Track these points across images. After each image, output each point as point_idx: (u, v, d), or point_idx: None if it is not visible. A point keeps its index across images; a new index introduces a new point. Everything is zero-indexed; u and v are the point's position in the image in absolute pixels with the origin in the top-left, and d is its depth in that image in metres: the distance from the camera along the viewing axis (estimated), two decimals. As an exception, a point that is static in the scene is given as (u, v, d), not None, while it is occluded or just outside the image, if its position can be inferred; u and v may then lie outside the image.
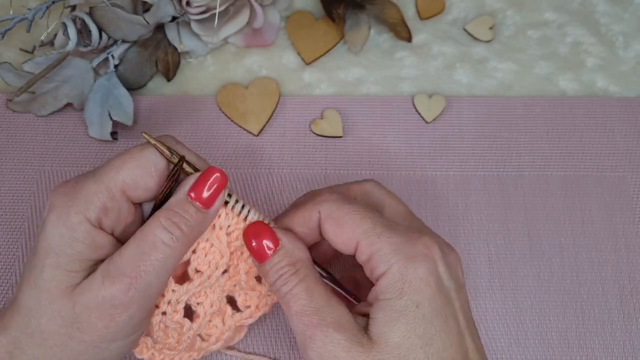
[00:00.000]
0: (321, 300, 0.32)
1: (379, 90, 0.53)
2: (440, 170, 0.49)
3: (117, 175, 0.33)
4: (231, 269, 0.37)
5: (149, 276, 0.32)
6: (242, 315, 0.38)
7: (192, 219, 0.33)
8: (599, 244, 0.47)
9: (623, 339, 0.44)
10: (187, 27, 0.52)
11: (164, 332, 0.37)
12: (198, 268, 0.36)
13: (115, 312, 0.32)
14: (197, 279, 0.36)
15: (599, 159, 0.50)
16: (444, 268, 0.33)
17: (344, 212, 0.34)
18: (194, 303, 0.37)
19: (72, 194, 0.33)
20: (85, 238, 0.32)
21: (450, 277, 0.33)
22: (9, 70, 0.49)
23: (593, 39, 0.55)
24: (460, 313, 0.33)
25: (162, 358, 0.38)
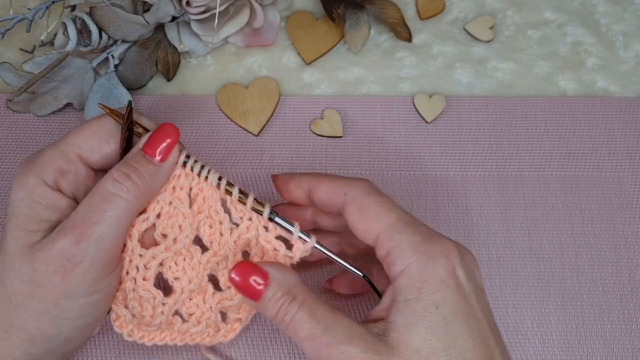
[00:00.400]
0: (326, 319, 0.32)
1: (379, 90, 0.53)
2: (440, 170, 0.49)
3: (73, 141, 0.34)
4: (214, 243, 0.36)
5: (100, 227, 0.32)
6: (224, 295, 0.37)
7: (143, 169, 0.33)
8: (599, 243, 0.47)
9: (623, 339, 0.44)
10: (187, 27, 0.52)
11: (139, 303, 0.37)
12: (163, 232, 0.36)
13: (69, 265, 0.32)
14: (163, 242, 0.36)
15: (599, 159, 0.50)
16: (463, 271, 0.32)
17: (370, 202, 0.34)
18: (171, 278, 0.37)
19: (31, 161, 0.35)
20: (43, 199, 0.33)
21: (469, 280, 0.32)
22: (9, 70, 0.49)
23: (593, 39, 0.55)
24: (482, 315, 0.32)
25: (142, 335, 0.37)
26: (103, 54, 0.50)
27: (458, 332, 0.30)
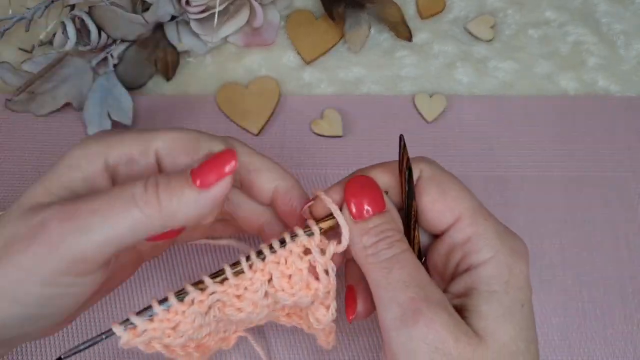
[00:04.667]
0: (425, 276, 0.28)
1: (379, 90, 0.53)
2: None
3: (158, 136, 0.30)
4: None
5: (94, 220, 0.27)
6: None
7: (177, 189, 0.28)
8: (600, 243, 0.47)
9: (624, 339, 0.44)
10: (186, 26, 0.52)
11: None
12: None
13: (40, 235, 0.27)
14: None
15: (600, 158, 0.50)
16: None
17: (449, 179, 0.31)
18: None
19: (110, 134, 0.30)
20: (86, 171, 0.29)
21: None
22: (8, 70, 0.49)
23: (594, 38, 0.55)
24: None
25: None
26: (102, 54, 0.50)
27: (533, 338, 0.29)
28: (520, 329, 0.28)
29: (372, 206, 0.29)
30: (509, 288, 0.28)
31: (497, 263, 0.29)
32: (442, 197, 0.30)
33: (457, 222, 0.30)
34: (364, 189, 0.30)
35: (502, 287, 0.28)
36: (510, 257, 0.29)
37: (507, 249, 0.29)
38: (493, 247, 0.29)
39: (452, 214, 0.30)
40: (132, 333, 0.28)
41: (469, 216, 0.30)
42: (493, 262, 0.29)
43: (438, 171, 0.31)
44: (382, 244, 0.29)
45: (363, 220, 0.29)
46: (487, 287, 0.29)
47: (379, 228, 0.29)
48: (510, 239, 0.30)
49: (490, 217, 0.30)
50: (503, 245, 0.29)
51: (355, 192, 0.30)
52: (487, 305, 0.28)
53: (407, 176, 0.31)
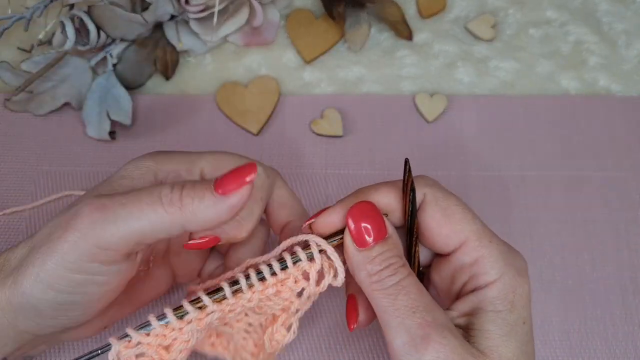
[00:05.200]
0: (430, 300, 0.29)
1: (379, 90, 0.53)
2: (441, 170, 0.49)
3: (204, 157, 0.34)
4: None
5: (123, 210, 0.29)
6: None
7: (198, 194, 0.30)
8: (600, 244, 0.47)
9: (625, 339, 0.44)
10: (185, 25, 0.52)
11: None
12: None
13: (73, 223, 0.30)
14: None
15: (601, 158, 0.50)
16: None
17: (453, 203, 0.32)
18: None
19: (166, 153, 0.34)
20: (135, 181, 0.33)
21: None
22: (7, 69, 0.49)
23: (595, 38, 0.55)
24: None
25: None
26: (101, 53, 0.50)
27: (532, 352, 0.30)
28: (521, 344, 0.30)
29: (375, 233, 0.30)
30: (513, 308, 0.30)
31: (503, 285, 0.30)
32: (448, 221, 0.31)
33: (463, 245, 0.31)
34: (366, 217, 0.30)
35: (507, 307, 0.30)
36: (514, 278, 0.30)
37: (511, 269, 0.31)
38: (499, 269, 0.30)
39: (458, 238, 0.31)
40: (125, 346, 0.29)
41: (475, 239, 0.31)
42: (499, 284, 0.30)
43: (441, 194, 0.32)
44: (386, 272, 0.30)
45: (366, 249, 0.30)
46: (492, 308, 0.30)
47: (382, 256, 0.30)
48: (514, 258, 0.31)
49: (494, 238, 0.31)
50: (508, 266, 0.31)
51: (357, 220, 0.30)
52: (493, 325, 0.29)
53: (412, 198, 0.31)
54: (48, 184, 0.48)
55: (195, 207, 0.30)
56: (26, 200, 0.48)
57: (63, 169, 0.49)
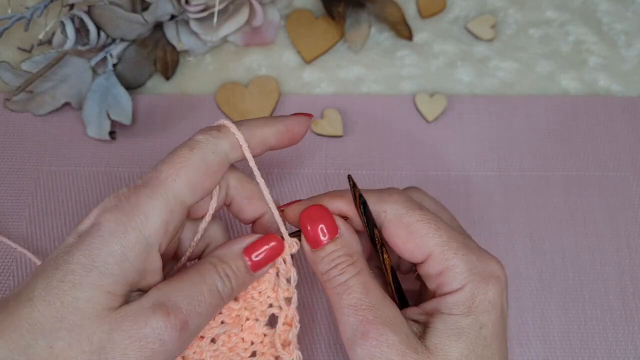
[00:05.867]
0: (376, 296, 0.31)
1: (379, 89, 0.53)
2: (441, 170, 0.49)
3: (173, 187, 0.30)
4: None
5: (201, 319, 0.30)
6: None
7: (240, 277, 0.33)
8: (601, 244, 0.47)
9: (625, 340, 0.44)
10: (185, 25, 0.52)
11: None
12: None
13: (160, 348, 0.28)
14: None
15: (601, 158, 0.50)
16: (506, 295, 0.32)
17: (416, 219, 0.32)
18: None
19: (127, 209, 0.29)
20: (138, 262, 0.29)
21: (507, 305, 0.32)
22: (7, 69, 0.49)
23: (595, 38, 0.55)
24: (506, 340, 0.32)
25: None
26: (101, 53, 0.50)
27: (492, 354, 0.31)
28: (474, 347, 0.30)
29: (326, 233, 0.32)
30: (469, 312, 0.31)
31: (462, 293, 0.31)
32: (411, 238, 0.32)
33: (428, 259, 0.32)
34: (317, 219, 0.33)
35: (462, 311, 0.31)
36: (477, 286, 0.31)
37: (475, 278, 0.31)
38: (461, 280, 0.31)
39: (421, 252, 0.32)
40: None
41: (439, 253, 0.32)
42: (460, 292, 0.31)
43: (404, 210, 0.32)
44: (334, 271, 0.32)
45: (318, 250, 0.32)
46: (448, 310, 0.31)
47: (330, 256, 0.32)
48: (483, 266, 0.32)
49: (461, 249, 0.32)
50: (472, 275, 0.31)
51: (307, 222, 0.33)
52: (443, 324, 0.31)
53: (363, 209, 0.33)
54: (48, 184, 0.48)
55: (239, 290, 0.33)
56: (26, 200, 0.48)
57: (63, 169, 0.49)
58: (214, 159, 0.32)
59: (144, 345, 0.28)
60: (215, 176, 0.32)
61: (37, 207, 0.48)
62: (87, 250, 0.28)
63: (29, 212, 0.47)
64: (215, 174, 0.32)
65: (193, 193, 0.31)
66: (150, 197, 0.30)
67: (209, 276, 0.31)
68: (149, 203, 0.30)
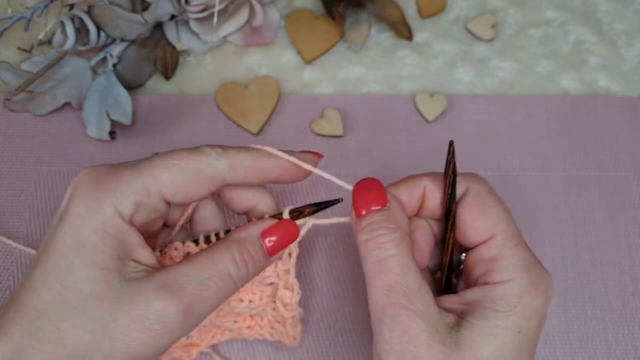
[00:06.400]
0: (414, 281, 0.30)
1: (379, 89, 0.53)
2: (441, 170, 0.49)
3: (158, 178, 0.30)
4: None
5: (206, 304, 0.30)
6: None
7: (257, 259, 0.32)
8: (601, 244, 0.47)
9: (625, 340, 0.44)
10: (186, 25, 0.52)
11: None
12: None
13: (162, 330, 0.28)
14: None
15: (601, 158, 0.50)
16: (547, 309, 0.31)
17: (493, 202, 0.32)
18: None
19: (106, 181, 0.30)
20: (118, 234, 0.29)
21: (545, 319, 0.32)
22: (7, 69, 0.49)
23: (595, 38, 0.55)
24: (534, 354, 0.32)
25: None
26: (101, 53, 0.50)
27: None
28: (506, 351, 0.29)
29: (373, 203, 0.31)
30: (512, 313, 0.30)
31: (510, 288, 0.30)
32: (483, 216, 0.32)
33: (489, 241, 0.32)
34: (369, 188, 0.32)
35: (506, 309, 0.30)
36: (526, 287, 0.30)
37: (527, 278, 0.30)
38: (513, 272, 0.30)
39: (487, 233, 0.32)
40: None
41: (502, 238, 0.31)
42: (507, 285, 0.30)
43: (485, 190, 0.33)
44: (372, 244, 0.31)
45: (362, 217, 0.31)
46: (490, 305, 0.30)
47: (372, 225, 0.31)
48: (535, 271, 0.31)
49: (522, 245, 0.31)
50: (524, 273, 0.30)
51: (359, 189, 0.32)
52: (482, 320, 0.30)
53: (452, 180, 0.32)
54: (48, 184, 0.48)
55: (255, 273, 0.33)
56: (26, 200, 0.48)
57: (63, 169, 0.49)
58: (208, 171, 0.31)
59: (145, 326, 0.28)
60: (202, 188, 0.32)
61: (37, 207, 0.48)
62: (70, 230, 0.29)
63: (29, 212, 0.47)
64: (203, 186, 0.32)
65: (174, 193, 0.31)
66: (131, 177, 0.30)
67: (221, 261, 0.31)
68: (129, 182, 0.30)
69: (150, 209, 0.31)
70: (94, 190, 0.29)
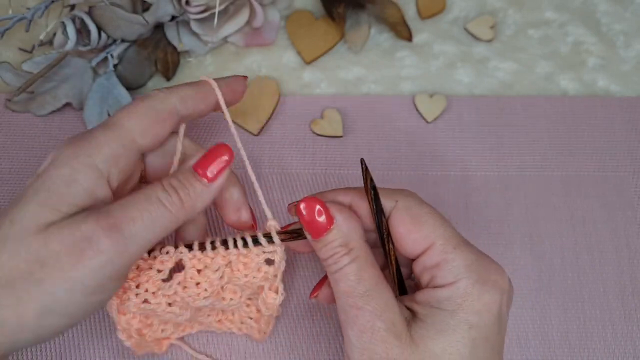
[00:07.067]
0: (369, 283, 0.32)
1: (379, 90, 0.53)
2: (440, 170, 0.49)
3: (125, 123, 0.33)
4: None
5: (135, 226, 0.30)
6: None
7: (190, 187, 0.33)
8: (600, 244, 0.47)
9: (624, 340, 0.44)
10: (186, 26, 0.52)
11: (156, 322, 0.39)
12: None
13: (89, 251, 0.29)
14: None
15: (600, 159, 0.50)
16: (505, 303, 0.32)
17: (425, 212, 0.33)
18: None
19: (82, 139, 0.32)
20: (86, 182, 0.31)
21: (505, 314, 0.33)
22: (8, 70, 0.49)
23: (594, 39, 0.55)
24: (502, 349, 0.33)
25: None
26: (102, 54, 0.50)
27: (478, 358, 0.31)
28: (458, 346, 0.31)
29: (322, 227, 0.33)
30: (459, 310, 0.31)
31: (455, 288, 0.31)
32: (417, 227, 0.33)
33: (429, 249, 0.33)
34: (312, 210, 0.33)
35: (453, 307, 0.31)
36: (471, 285, 0.31)
37: (472, 277, 0.31)
38: (456, 274, 0.32)
39: (424, 243, 0.33)
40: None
41: (440, 244, 0.32)
42: (452, 287, 0.32)
43: (414, 203, 0.34)
44: (330, 260, 0.33)
45: (316, 240, 0.33)
46: (438, 305, 0.32)
47: (328, 247, 0.33)
48: (482, 267, 0.32)
49: (462, 245, 0.33)
50: (468, 272, 0.32)
51: (303, 213, 0.33)
52: (431, 318, 0.31)
53: (373, 195, 0.34)
54: (49, 184, 0.48)
55: (193, 200, 0.33)
56: (27, 200, 0.48)
57: (64, 169, 0.49)
58: (163, 107, 0.35)
59: (75, 248, 0.29)
60: (164, 124, 0.35)
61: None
62: (41, 179, 0.31)
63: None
64: (164, 122, 0.35)
65: (144, 135, 0.34)
66: (103, 133, 0.33)
67: (150, 188, 0.32)
68: (102, 136, 0.33)
69: (127, 160, 0.33)
70: (73, 145, 0.32)
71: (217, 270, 0.35)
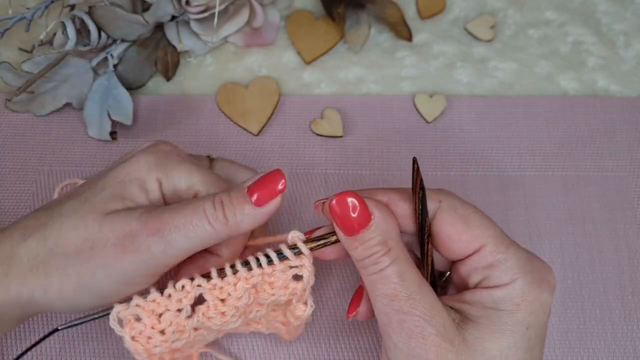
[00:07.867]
0: (413, 285, 0.30)
1: (379, 90, 0.53)
2: (440, 170, 0.49)
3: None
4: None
5: (177, 233, 0.31)
6: None
7: (238, 208, 0.33)
8: (600, 244, 0.47)
9: (624, 340, 0.44)
10: (186, 26, 0.52)
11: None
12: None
13: (130, 247, 0.31)
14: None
15: (600, 159, 0.50)
16: (552, 300, 0.32)
17: (471, 212, 0.32)
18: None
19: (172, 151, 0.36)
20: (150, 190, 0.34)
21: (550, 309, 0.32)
22: (8, 70, 0.49)
23: (594, 39, 0.55)
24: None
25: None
26: (102, 54, 0.50)
27: (532, 358, 0.31)
28: (516, 348, 0.30)
29: (360, 220, 0.31)
30: (517, 310, 0.30)
31: (512, 288, 0.31)
32: (468, 228, 0.32)
33: (480, 250, 0.32)
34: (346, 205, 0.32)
35: (510, 307, 0.30)
36: (527, 284, 0.31)
37: (527, 276, 0.31)
38: (513, 275, 0.31)
39: (474, 244, 0.32)
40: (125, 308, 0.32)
41: (493, 244, 0.31)
42: (509, 287, 0.31)
43: (458, 202, 0.33)
44: (367, 261, 0.31)
45: (351, 237, 0.31)
46: (494, 305, 0.31)
47: (365, 245, 0.31)
48: (534, 267, 0.31)
49: (513, 245, 0.32)
50: (523, 272, 0.31)
51: (339, 209, 0.32)
52: (487, 319, 0.30)
53: (421, 196, 0.32)
54: (49, 185, 0.48)
55: (238, 220, 0.33)
56: (27, 201, 0.48)
57: (64, 169, 0.49)
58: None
59: (120, 241, 0.31)
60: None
61: (38, 207, 0.48)
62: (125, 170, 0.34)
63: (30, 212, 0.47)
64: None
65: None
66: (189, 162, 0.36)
67: (201, 200, 0.33)
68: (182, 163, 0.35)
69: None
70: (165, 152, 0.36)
71: (241, 298, 0.33)
